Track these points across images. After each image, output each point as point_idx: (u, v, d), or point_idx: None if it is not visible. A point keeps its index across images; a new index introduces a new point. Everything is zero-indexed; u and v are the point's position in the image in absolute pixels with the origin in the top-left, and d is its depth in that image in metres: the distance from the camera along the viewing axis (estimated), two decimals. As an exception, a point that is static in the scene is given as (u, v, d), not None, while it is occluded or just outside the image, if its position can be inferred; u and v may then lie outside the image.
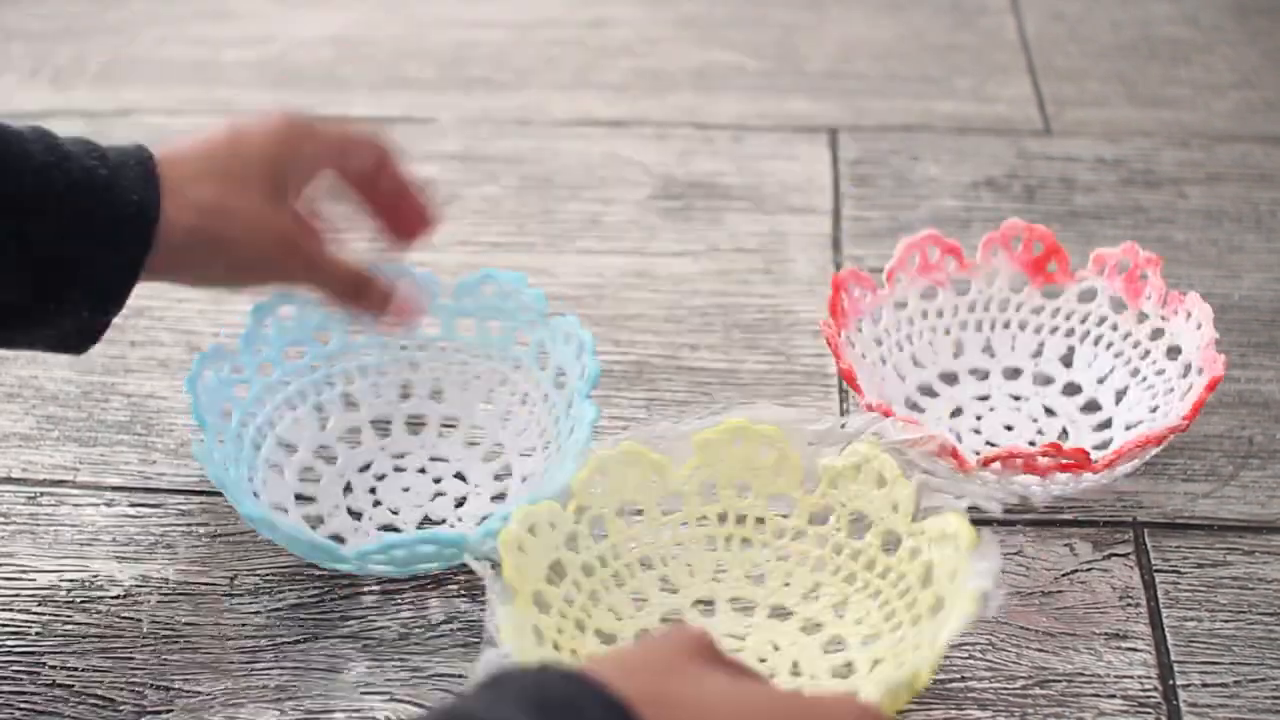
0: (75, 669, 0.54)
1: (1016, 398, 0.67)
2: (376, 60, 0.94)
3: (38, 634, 0.55)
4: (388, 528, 0.60)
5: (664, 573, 0.58)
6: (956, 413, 0.66)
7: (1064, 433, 0.65)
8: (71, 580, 0.57)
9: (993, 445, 0.64)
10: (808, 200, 0.80)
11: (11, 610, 0.56)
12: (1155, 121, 0.88)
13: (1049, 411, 0.66)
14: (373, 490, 0.62)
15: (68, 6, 1.01)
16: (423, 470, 0.63)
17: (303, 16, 0.99)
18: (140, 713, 0.52)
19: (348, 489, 0.62)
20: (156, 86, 0.91)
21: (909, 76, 0.93)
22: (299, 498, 0.61)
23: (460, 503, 0.61)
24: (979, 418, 0.66)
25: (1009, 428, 0.65)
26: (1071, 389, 0.67)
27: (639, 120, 0.88)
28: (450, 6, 1.01)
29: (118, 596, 0.57)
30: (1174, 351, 0.64)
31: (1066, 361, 0.68)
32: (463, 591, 0.57)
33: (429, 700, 0.53)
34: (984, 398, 0.67)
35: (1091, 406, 0.66)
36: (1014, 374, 0.68)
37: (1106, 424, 0.65)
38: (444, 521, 0.60)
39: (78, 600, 0.56)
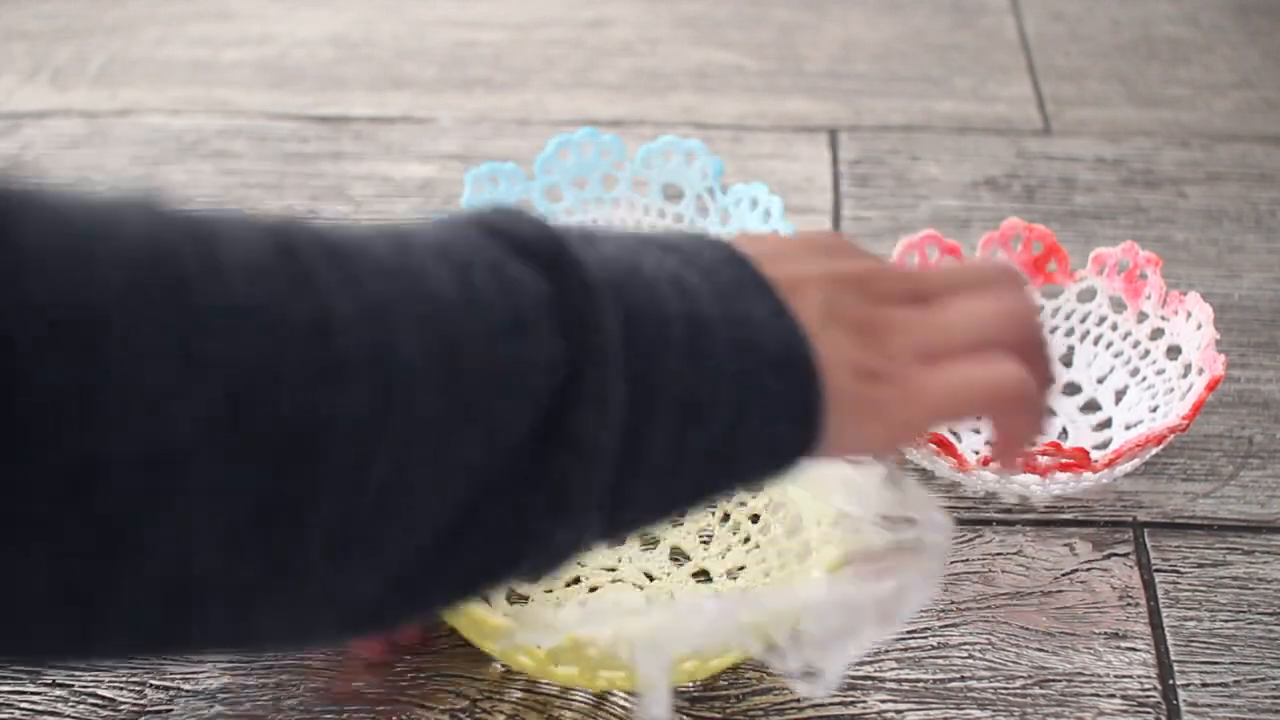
0: (75, 668, 0.54)
1: (1016, 397, 0.67)
2: (376, 60, 0.94)
3: (37, 633, 0.55)
4: None
5: None
6: (956, 412, 0.66)
7: (1064, 432, 0.65)
8: (71, 580, 0.57)
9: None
10: (808, 200, 0.80)
11: (11, 610, 0.56)
12: (1155, 121, 0.88)
13: (1049, 411, 0.66)
14: None
15: (68, 6, 1.01)
16: None
17: (303, 16, 0.99)
18: (140, 712, 0.52)
19: None
20: (156, 86, 0.91)
21: (909, 76, 0.93)
22: None
23: None
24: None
25: (1009, 427, 0.65)
26: (1071, 389, 0.67)
27: (638, 120, 0.88)
28: (450, 6, 1.01)
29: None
30: (1174, 351, 0.64)
31: (1066, 361, 0.68)
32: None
33: (430, 700, 0.53)
34: (984, 397, 0.67)
35: (1091, 406, 0.66)
36: (1014, 374, 0.68)
37: (1106, 424, 0.65)
38: None
39: (77, 600, 0.56)
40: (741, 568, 0.57)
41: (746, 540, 0.58)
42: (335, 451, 0.30)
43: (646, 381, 0.35)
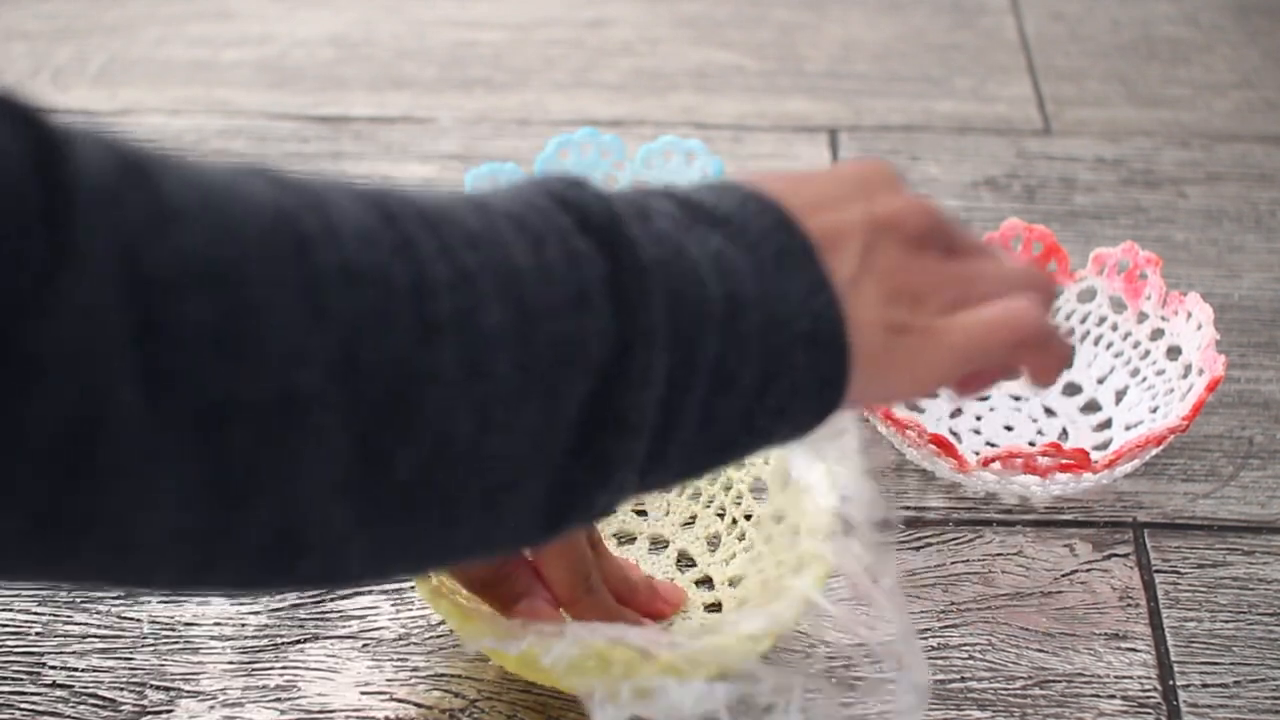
0: (75, 669, 0.54)
1: (1016, 398, 0.67)
2: (376, 60, 0.94)
3: (38, 634, 0.55)
4: None
5: (643, 503, 0.60)
6: (956, 413, 0.66)
7: (1064, 433, 0.65)
8: (71, 580, 0.57)
9: (993, 445, 0.64)
10: (808, 200, 0.80)
11: (11, 610, 0.56)
12: (1155, 121, 0.88)
13: (1049, 411, 0.66)
14: None
15: (68, 6, 1.01)
16: None
17: (303, 16, 0.99)
18: (141, 712, 0.52)
19: None
20: (156, 86, 0.91)
21: (909, 76, 0.93)
22: None
23: None
24: (979, 418, 0.66)
25: (1009, 428, 0.65)
26: (1071, 389, 0.67)
27: (639, 120, 0.88)
28: (450, 6, 1.01)
29: (118, 596, 0.57)
30: (1174, 352, 0.64)
31: (1066, 361, 0.68)
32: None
33: (429, 700, 0.53)
34: (984, 398, 0.67)
35: (1091, 407, 0.66)
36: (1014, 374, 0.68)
37: (1106, 424, 0.65)
38: None
39: (78, 600, 0.56)
40: (743, 577, 0.57)
41: (750, 549, 0.58)
42: (427, 407, 0.32)
43: (685, 357, 0.37)
